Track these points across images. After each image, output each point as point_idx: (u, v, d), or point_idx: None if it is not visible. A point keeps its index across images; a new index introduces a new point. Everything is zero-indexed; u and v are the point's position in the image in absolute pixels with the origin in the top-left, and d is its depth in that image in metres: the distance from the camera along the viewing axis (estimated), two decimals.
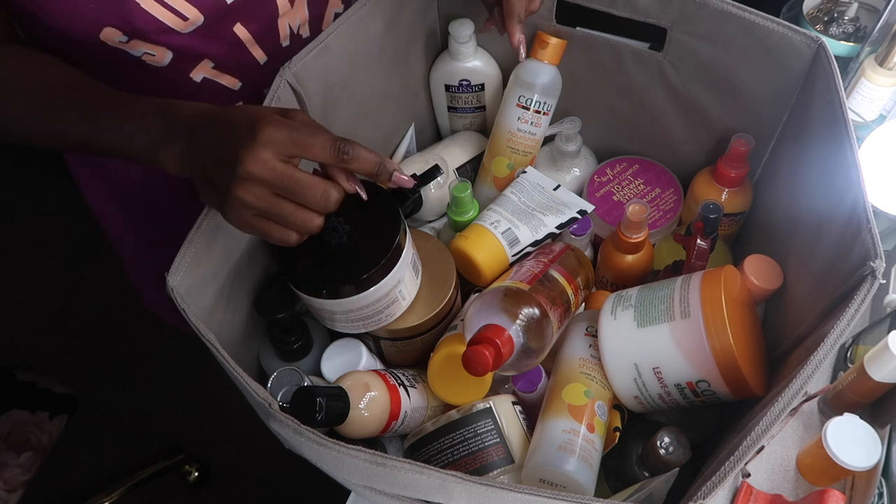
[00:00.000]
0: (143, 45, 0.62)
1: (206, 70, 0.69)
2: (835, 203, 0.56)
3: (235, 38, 0.67)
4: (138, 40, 0.62)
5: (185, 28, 0.62)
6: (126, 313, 1.67)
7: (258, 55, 0.70)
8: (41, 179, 1.93)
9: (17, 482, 1.13)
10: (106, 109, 0.57)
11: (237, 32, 0.67)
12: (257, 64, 0.71)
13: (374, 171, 0.52)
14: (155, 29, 0.61)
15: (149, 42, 0.62)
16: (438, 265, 0.67)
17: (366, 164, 0.51)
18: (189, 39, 0.64)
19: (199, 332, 0.51)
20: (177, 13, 0.61)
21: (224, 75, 0.70)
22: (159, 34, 0.62)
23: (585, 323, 0.66)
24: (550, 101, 0.76)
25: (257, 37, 0.69)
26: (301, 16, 0.71)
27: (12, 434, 1.16)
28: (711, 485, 0.45)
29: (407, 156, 0.83)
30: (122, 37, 0.61)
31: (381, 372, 0.63)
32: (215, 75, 0.70)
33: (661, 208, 0.78)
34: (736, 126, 0.72)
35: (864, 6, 0.93)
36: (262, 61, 0.71)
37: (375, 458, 0.45)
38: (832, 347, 0.47)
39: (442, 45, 0.81)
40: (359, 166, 0.51)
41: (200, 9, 0.62)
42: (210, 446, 1.56)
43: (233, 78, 0.71)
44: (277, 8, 0.68)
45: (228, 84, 0.71)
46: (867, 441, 0.62)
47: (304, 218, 0.51)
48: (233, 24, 0.66)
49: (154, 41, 0.62)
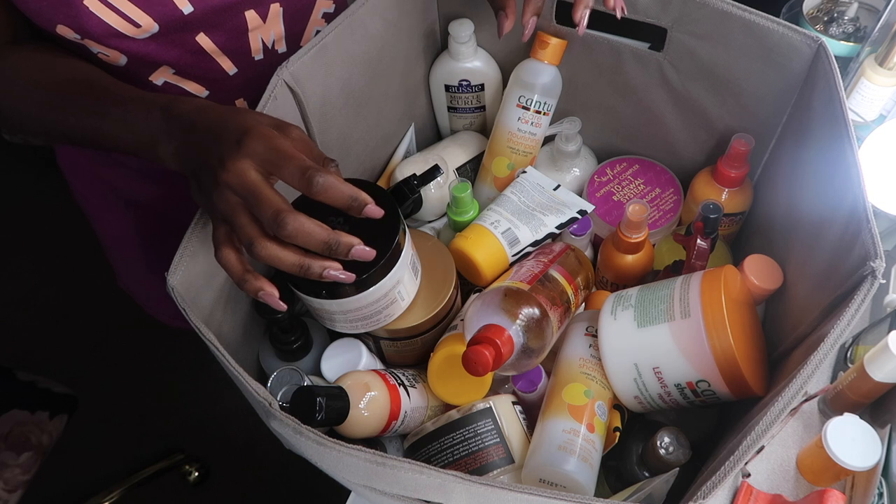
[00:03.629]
0: (96, 45, 0.62)
1: (167, 75, 0.67)
2: (835, 203, 0.56)
3: (198, 48, 0.66)
4: (91, 41, 0.61)
5: (137, 34, 0.61)
6: (126, 313, 1.66)
7: (226, 66, 0.69)
8: (41, 179, 1.93)
9: (17, 482, 1.13)
10: (114, 104, 0.57)
11: (200, 42, 0.66)
12: (226, 74, 0.70)
13: (345, 206, 0.49)
14: (105, 33, 0.60)
15: (101, 45, 0.61)
16: (438, 265, 0.67)
17: (337, 198, 0.48)
18: (144, 45, 0.63)
19: (200, 331, 0.51)
20: (128, 19, 0.60)
21: (188, 81, 0.69)
22: (110, 38, 0.61)
23: (585, 323, 0.66)
24: (550, 101, 0.76)
25: (224, 48, 0.68)
26: (276, 31, 0.69)
27: (12, 434, 1.16)
28: (711, 485, 0.45)
29: (407, 156, 0.83)
30: (76, 35, 0.60)
31: (381, 372, 0.63)
32: (178, 81, 0.69)
33: (661, 208, 0.78)
34: (736, 126, 0.72)
35: (864, 6, 0.93)
36: (232, 72, 0.70)
37: (375, 458, 0.45)
38: (832, 347, 0.47)
39: (442, 45, 0.81)
40: (327, 198, 0.48)
41: (155, 17, 0.61)
42: (210, 446, 1.56)
43: (197, 85, 0.70)
44: (246, 21, 0.66)
45: (193, 91, 0.70)
46: (867, 441, 0.62)
47: (249, 234, 0.48)
48: (194, 34, 0.65)
49: (106, 44, 0.61)
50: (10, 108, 0.63)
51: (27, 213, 1.92)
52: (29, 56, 0.63)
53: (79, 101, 0.60)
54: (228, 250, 0.51)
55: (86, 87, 0.60)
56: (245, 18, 0.66)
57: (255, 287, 0.51)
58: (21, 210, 1.93)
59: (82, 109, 0.59)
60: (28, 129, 0.65)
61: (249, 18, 0.66)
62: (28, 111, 0.63)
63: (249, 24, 0.67)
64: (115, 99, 0.58)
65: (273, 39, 0.70)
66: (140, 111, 0.55)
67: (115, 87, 0.60)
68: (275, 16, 0.68)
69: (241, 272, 0.51)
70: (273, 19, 0.68)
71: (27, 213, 1.92)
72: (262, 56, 0.71)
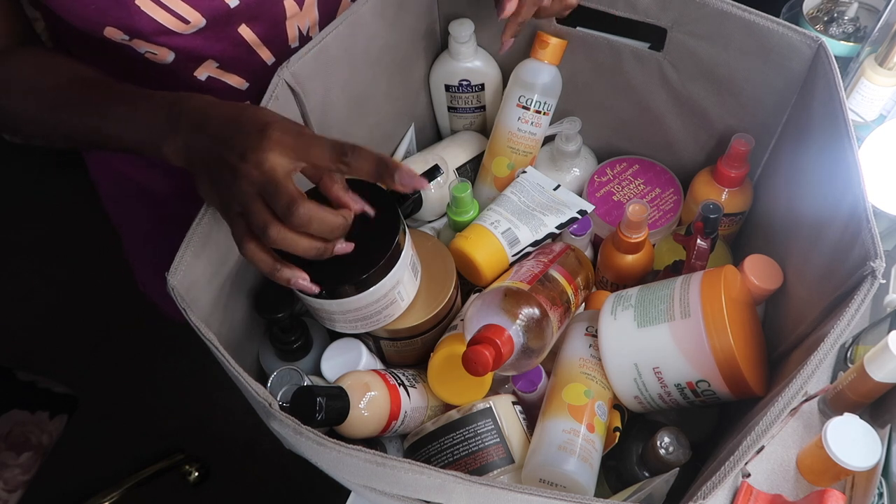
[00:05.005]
0: (144, 44, 0.62)
1: (211, 70, 0.68)
2: (835, 203, 0.56)
3: (241, 40, 0.67)
4: (139, 40, 0.62)
5: (186, 30, 0.62)
6: (126, 313, 1.67)
7: (265, 56, 0.70)
8: (41, 179, 1.93)
9: (17, 482, 1.13)
10: (116, 104, 0.58)
11: (242, 34, 0.67)
12: (265, 65, 0.71)
13: (375, 171, 0.50)
14: (155, 31, 0.61)
15: (150, 42, 0.62)
16: (438, 265, 0.67)
17: (367, 165, 0.49)
18: (191, 40, 0.64)
19: (200, 331, 0.51)
20: (177, 16, 0.61)
21: (230, 75, 0.70)
22: (159, 36, 0.62)
23: (585, 323, 0.66)
24: (550, 101, 0.76)
25: (264, 38, 0.69)
26: (311, 18, 0.70)
27: (12, 434, 1.16)
28: (711, 485, 0.45)
29: (407, 156, 0.83)
30: (125, 35, 0.61)
31: (381, 372, 0.63)
32: (220, 74, 0.70)
33: (661, 208, 0.78)
34: (736, 126, 0.72)
35: (864, 6, 0.93)
36: (270, 62, 0.71)
37: (375, 458, 0.45)
38: (832, 347, 0.47)
39: (442, 45, 0.81)
40: (360, 167, 0.49)
41: (202, 12, 0.62)
42: (210, 446, 1.56)
43: (239, 78, 0.71)
44: (285, 10, 0.67)
45: (235, 84, 0.71)
46: (867, 441, 0.62)
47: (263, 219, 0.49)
48: (237, 26, 0.66)
49: (155, 42, 0.62)
50: (11, 111, 0.64)
51: (27, 213, 1.92)
52: (31, 58, 0.64)
53: (81, 101, 0.60)
54: (253, 244, 0.51)
55: (88, 87, 0.60)
56: (284, 7, 0.67)
57: (287, 275, 0.52)
58: (21, 210, 1.93)
59: (84, 109, 0.59)
60: (30, 131, 0.65)
61: (288, 7, 0.67)
62: (30, 113, 0.63)
63: (288, 12, 0.67)
64: (118, 97, 0.58)
65: (308, 26, 0.71)
66: (144, 108, 0.55)
67: (118, 85, 0.60)
68: (311, 3, 0.69)
69: (272, 263, 0.52)
70: (309, 6, 0.69)
71: (27, 213, 1.92)
72: (297, 44, 0.71)
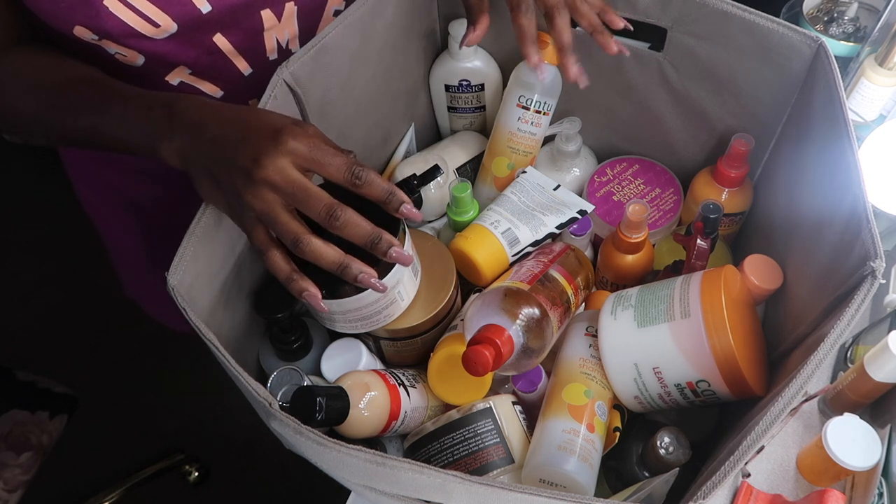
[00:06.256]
0: (114, 45, 0.62)
1: (183, 75, 0.68)
2: (835, 203, 0.56)
3: (215, 48, 0.66)
4: (108, 41, 0.61)
5: (157, 34, 0.61)
6: (126, 313, 1.66)
7: (242, 66, 0.69)
8: (42, 179, 1.93)
9: (17, 482, 1.13)
10: (114, 103, 0.57)
11: (217, 42, 0.66)
12: (241, 75, 0.70)
13: (383, 199, 0.52)
14: (124, 33, 0.60)
15: (119, 44, 0.62)
16: (438, 265, 0.67)
17: (377, 191, 0.52)
18: (162, 45, 0.63)
19: (201, 332, 0.51)
20: (147, 19, 0.60)
21: (203, 82, 0.69)
22: (129, 38, 0.61)
23: (585, 323, 0.66)
24: (550, 101, 0.75)
25: (240, 48, 0.68)
26: (290, 30, 0.69)
27: (12, 434, 1.16)
28: (711, 485, 0.45)
29: (407, 156, 0.83)
30: (94, 35, 0.60)
31: (381, 372, 0.63)
32: (194, 81, 0.69)
33: (661, 208, 0.78)
34: (736, 126, 0.72)
35: (864, 6, 0.93)
36: (247, 73, 0.70)
37: (375, 458, 0.45)
38: (832, 347, 0.47)
39: (442, 45, 0.81)
40: (369, 192, 0.51)
41: (174, 17, 0.61)
42: (210, 446, 1.56)
43: (213, 85, 0.70)
44: (262, 21, 0.66)
45: (209, 91, 0.70)
46: (867, 441, 0.62)
47: (294, 230, 0.50)
48: (212, 34, 0.65)
49: (124, 44, 0.61)
50: (10, 109, 0.63)
51: (27, 213, 1.92)
52: (30, 57, 0.64)
53: (79, 100, 0.60)
54: (275, 251, 0.52)
55: (86, 87, 0.60)
56: (261, 18, 0.66)
57: (300, 287, 0.53)
58: (21, 210, 1.93)
59: (82, 108, 0.59)
60: (28, 129, 0.65)
61: (265, 18, 0.66)
62: (28, 112, 0.63)
63: (265, 23, 0.67)
64: (116, 97, 0.58)
65: (287, 39, 0.70)
66: (141, 108, 0.55)
67: (116, 85, 0.60)
68: (290, 15, 0.68)
69: (289, 272, 0.53)
70: (288, 18, 0.68)
71: (27, 213, 1.92)
72: (276, 56, 0.71)
